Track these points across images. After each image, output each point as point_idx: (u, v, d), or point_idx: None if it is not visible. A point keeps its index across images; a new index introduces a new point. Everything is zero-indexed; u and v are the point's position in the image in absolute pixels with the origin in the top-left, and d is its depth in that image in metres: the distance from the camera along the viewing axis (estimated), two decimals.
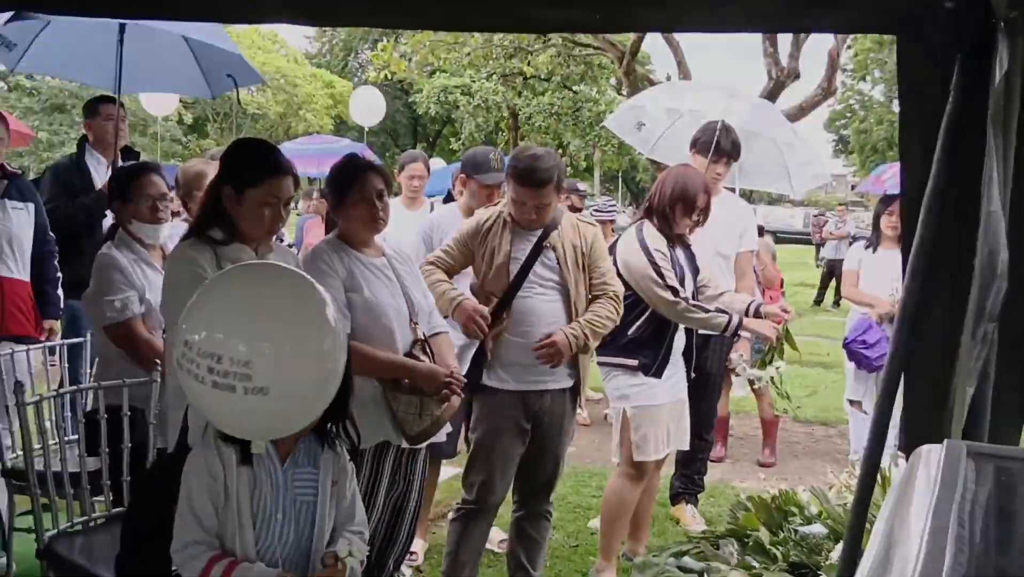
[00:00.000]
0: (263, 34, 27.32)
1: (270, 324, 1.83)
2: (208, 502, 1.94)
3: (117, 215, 3.31)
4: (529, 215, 3.23)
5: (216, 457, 1.94)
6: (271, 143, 2.68)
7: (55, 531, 2.75)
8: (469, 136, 27.36)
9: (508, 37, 17.38)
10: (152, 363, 3.05)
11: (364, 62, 35.55)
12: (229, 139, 26.44)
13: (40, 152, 24.42)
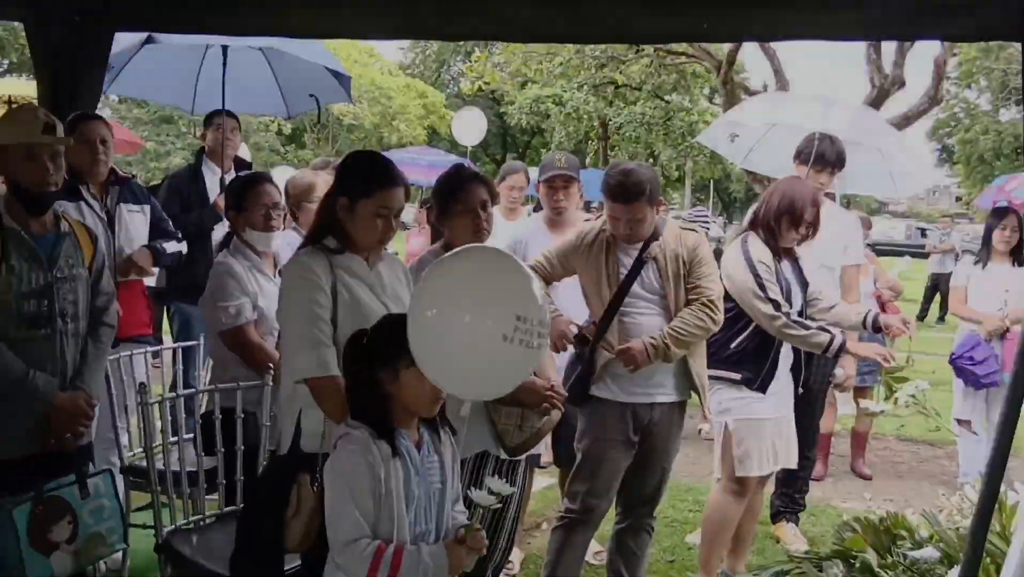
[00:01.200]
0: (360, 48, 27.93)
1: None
2: (371, 500, 2.03)
3: (232, 223, 3.43)
4: (624, 230, 3.23)
5: (376, 454, 2.03)
6: (384, 155, 2.74)
7: (172, 527, 2.86)
8: (558, 146, 27.39)
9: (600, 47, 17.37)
10: (264, 367, 3.16)
11: (456, 73, 36.02)
12: (325, 149, 27.14)
13: (147, 161, 25.50)
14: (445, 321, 1.97)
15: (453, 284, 2.05)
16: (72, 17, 3.91)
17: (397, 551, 1.99)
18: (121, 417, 3.49)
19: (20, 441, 2.72)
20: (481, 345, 1.96)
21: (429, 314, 2.00)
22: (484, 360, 1.99)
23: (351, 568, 2.03)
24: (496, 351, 1.95)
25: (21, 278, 2.71)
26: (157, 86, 5.56)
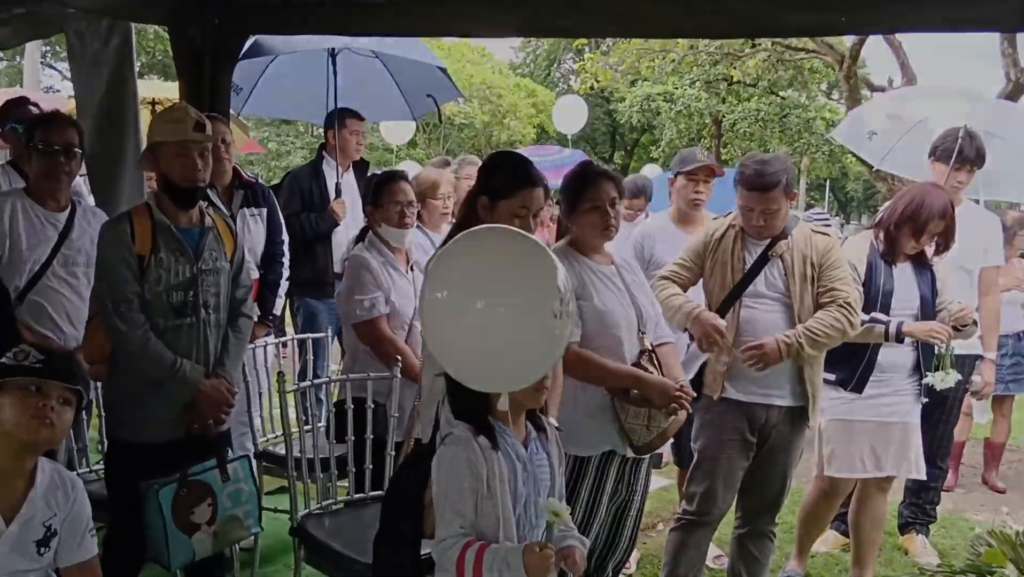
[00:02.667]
0: (472, 48, 28.26)
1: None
2: (470, 499, 2.00)
3: (369, 219, 3.54)
4: (758, 221, 3.16)
5: (476, 451, 2.01)
6: (525, 156, 2.77)
7: (306, 511, 2.96)
8: (669, 143, 27.05)
9: (714, 43, 17.08)
10: (394, 360, 3.23)
11: (567, 72, 35.99)
12: (436, 149, 27.53)
13: (269, 161, 26.41)
14: (489, 305, 1.88)
15: (485, 268, 1.97)
16: (211, 20, 4.10)
17: (481, 548, 1.97)
18: (255, 405, 3.63)
19: (167, 426, 2.85)
20: (533, 325, 1.89)
21: (462, 303, 1.90)
22: (527, 341, 1.91)
23: (443, 564, 2.03)
24: (545, 329, 1.90)
25: (170, 270, 2.85)
26: (286, 104, 5.81)
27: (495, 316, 1.86)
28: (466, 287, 1.89)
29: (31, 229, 3.26)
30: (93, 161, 4.16)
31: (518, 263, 1.95)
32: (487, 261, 1.96)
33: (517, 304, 1.86)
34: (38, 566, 2.06)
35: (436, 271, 2.03)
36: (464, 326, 1.87)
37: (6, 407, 1.96)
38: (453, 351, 1.95)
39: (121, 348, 2.81)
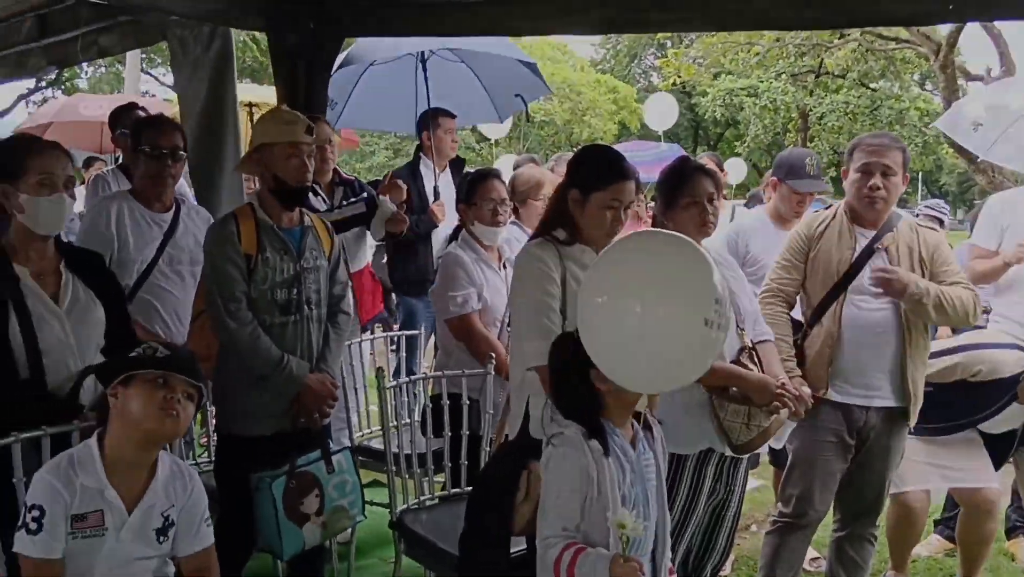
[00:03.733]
0: (553, 45, 28.27)
1: None
2: (577, 502, 2.00)
3: (462, 217, 3.58)
4: (876, 182, 3.09)
5: (587, 454, 2.01)
6: (616, 150, 2.76)
7: (404, 506, 3.01)
8: (755, 138, 26.58)
9: (801, 34, 16.70)
10: (487, 356, 3.27)
11: (647, 67, 35.69)
12: (517, 146, 27.62)
13: (353, 162, 26.92)
14: (641, 311, 1.92)
15: (638, 272, 2.00)
16: (306, 25, 4.21)
17: (577, 551, 1.97)
18: (352, 399, 3.71)
19: (274, 419, 2.94)
20: (682, 332, 1.92)
21: (617, 304, 1.96)
22: (683, 347, 1.95)
23: (543, 563, 2.03)
24: (696, 337, 1.92)
25: (275, 268, 2.93)
26: (379, 115, 5.93)
27: (652, 320, 1.90)
28: (624, 291, 1.94)
29: (138, 230, 3.38)
30: (195, 162, 4.32)
31: (677, 268, 1.98)
32: (645, 265, 2.00)
33: (673, 310, 1.91)
34: (157, 554, 2.14)
35: (595, 276, 2.06)
36: (621, 330, 1.92)
37: (133, 398, 2.04)
38: (610, 352, 1.98)
39: (231, 345, 2.90)
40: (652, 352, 1.93)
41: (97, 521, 2.03)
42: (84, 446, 2.10)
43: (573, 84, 28.10)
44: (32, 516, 1.97)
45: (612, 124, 29.08)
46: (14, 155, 2.54)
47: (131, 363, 2.06)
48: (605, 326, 1.97)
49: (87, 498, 2.03)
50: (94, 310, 2.63)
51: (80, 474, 2.04)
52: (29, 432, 2.23)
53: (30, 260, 2.55)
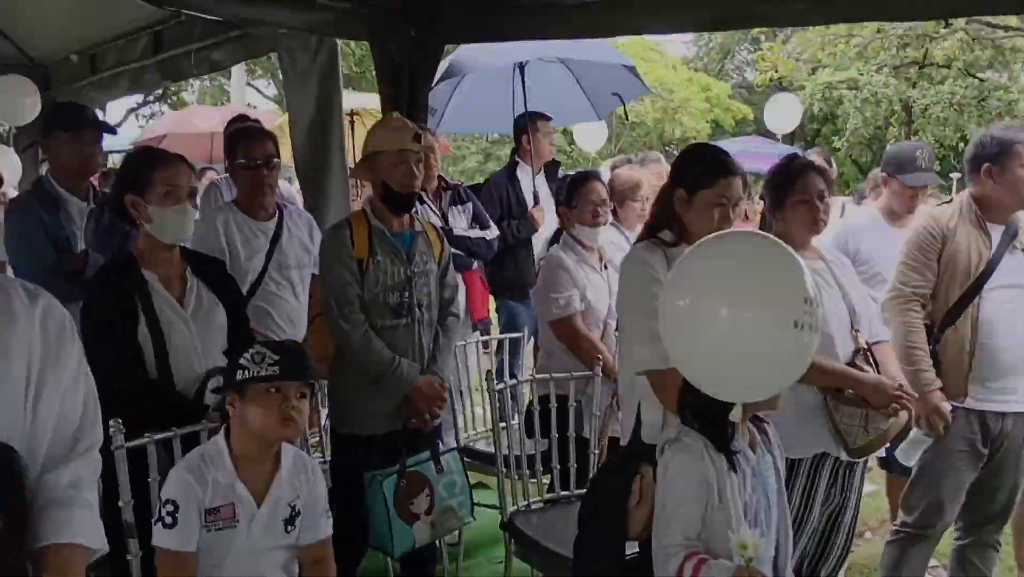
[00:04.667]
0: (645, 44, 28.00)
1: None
2: (698, 510, 1.98)
3: (562, 219, 3.60)
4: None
5: (708, 462, 1.99)
6: (721, 147, 2.72)
7: (515, 507, 3.04)
8: (854, 132, 25.77)
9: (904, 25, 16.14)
10: (590, 357, 3.27)
11: (740, 63, 35.01)
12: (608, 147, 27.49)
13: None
14: (727, 313, 1.83)
15: (723, 273, 1.91)
16: (408, 33, 4.28)
17: (700, 562, 1.93)
18: (457, 400, 3.76)
19: (386, 419, 3.01)
20: (771, 336, 1.82)
21: (701, 307, 1.88)
22: (773, 351, 1.84)
23: (663, 571, 2.01)
24: (785, 340, 1.81)
25: (386, 272, 3.00)
26: (478, 118, 6.02)
27: (738, 324, 1.81)
28: (709, 294, 1.87)
29: (245, 240, 3.49)
30: (304, 169, 4.46)
31: (763, 269, 1.89)
32: (731, 267, 1.91)
33: (761, 313, 1.81)
34: (285, 543, 2.21)
35: (677, 278, 2.02)
36: (706, 334, 1.85)
37: (250, 409, 2.12)
38: (693, 359, 1.93)
39: (345, 347, 2.98)
40: (740, 357, 1.84)
41: (229, 514, 2.11)
42: (213, 442, 2.19)
43: (665, 83, 27.78)
44: (167, 510, 2.07)
45: (704, 123, 28.63)
46: (142, 168, 2.67)
47: (244, 381, 2.12)
48: (689, 330, 1.91)
49: (219, 492, 2.11)
50: (217, 313, 2.74)
51: (211, 469, 2.13)
52: (162, 434, 2.33)
53: (158, 266, 2.68)
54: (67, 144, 3.14)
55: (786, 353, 1.84)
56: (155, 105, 23.74)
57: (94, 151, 3.20)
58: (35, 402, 1.57)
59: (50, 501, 1.55)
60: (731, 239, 2.09)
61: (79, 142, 3.15)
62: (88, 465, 1.65)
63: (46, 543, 1.53)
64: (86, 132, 3.17)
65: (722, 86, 30.09)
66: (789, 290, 1.84)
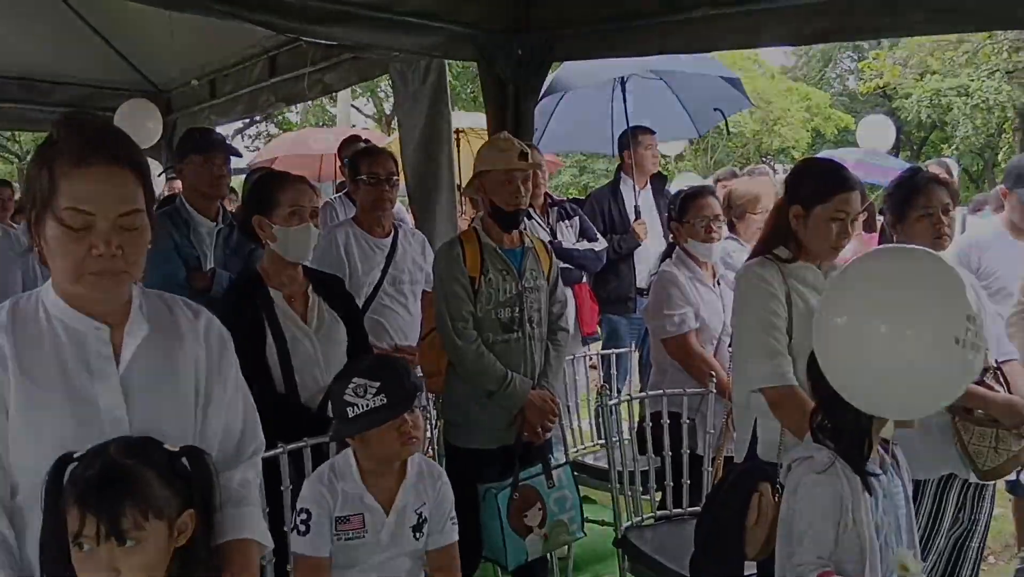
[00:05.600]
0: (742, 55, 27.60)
1: None
2: (832, 530, 1.94)
3: (674, 235, 3.58)
4: None
5: (842, 481, 1.96)
6: (837, 161, 2.68)
7: (629, 523, 3.03)
8: (964, 140, 24.79)
9: None
10: (704, 376, 3.24)
11: (843, 71, 34.10)
12: (704, 159, 27.15)
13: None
14: (886, 331, 1.81)
15: (881, 290, 1.88)
16: (515, 52, 4.34)
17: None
18: (565, 416, 3.77)
19: (498, 433, 3.05)
20: (932, 354, 1.79)
21: (859, 325, 1.85)
22: (933, 370, 1.81)
23: None
24: (947, 358, 1.78)
25: (498, 289, 3.05)
26: (577, 136, 6.06)
27: (898, 341, 1.79)
28: (868, 311, 1.85)
29: (363, 255, 3.61)
30: (414, 187, 4.57)
31: (924, 285, 1.86)
32: (890, 283, 1.88)
33: (921, 329, 1.78)
34: (413, 549, 2.28)
35: (834, 295, 2.00)
36: (865, 351, 1.83)
37: (372, 440, 2.18)
38: (851, 375, 1.91)
39: (458, 362, 3.04)
40: (899, 376, 1.81)
41: (359, 524, 2.19)
42: (343, 455, 2.26)
43: (763, 93, 27.27)
44: (301, 519, 2.16)
45: (805, 132, 27.97)
46: (268, 190, 2.79)
47: (357, 425, 2.17)
48: (846, 349, 1.88)
49: (348, 503, 2.19)
50: (338, 329, 2.83)
51: (340, 481, 2.21)
52: (294, 444, 2.41)
53: (282, 284, 2.79)
54: (199, 167, 3.30)
55: (947, 370, 1.81)
56: (261, 125, 24.58)
57: (223, 173, 3.36)
58: (204, 412, 1.68)
59: (225, 500, 1.65)
60: (890, 254, 2.07)
61: (210, 164, 3.30)
62: (253, 469, 1.76)
63: (225, 539, 1.63)
64: (216, 155, 3.32)
65: (823, 95, 29.38)
66: (950, 306, 1.80)
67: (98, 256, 1.49)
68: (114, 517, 1.40)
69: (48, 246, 1.51)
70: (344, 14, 3.83)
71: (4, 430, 1.51)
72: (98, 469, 1.42)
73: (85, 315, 1.57)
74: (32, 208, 1.52)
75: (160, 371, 1.62)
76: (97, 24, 5.56)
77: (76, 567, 1.43)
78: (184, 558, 1.51)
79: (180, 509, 1.49)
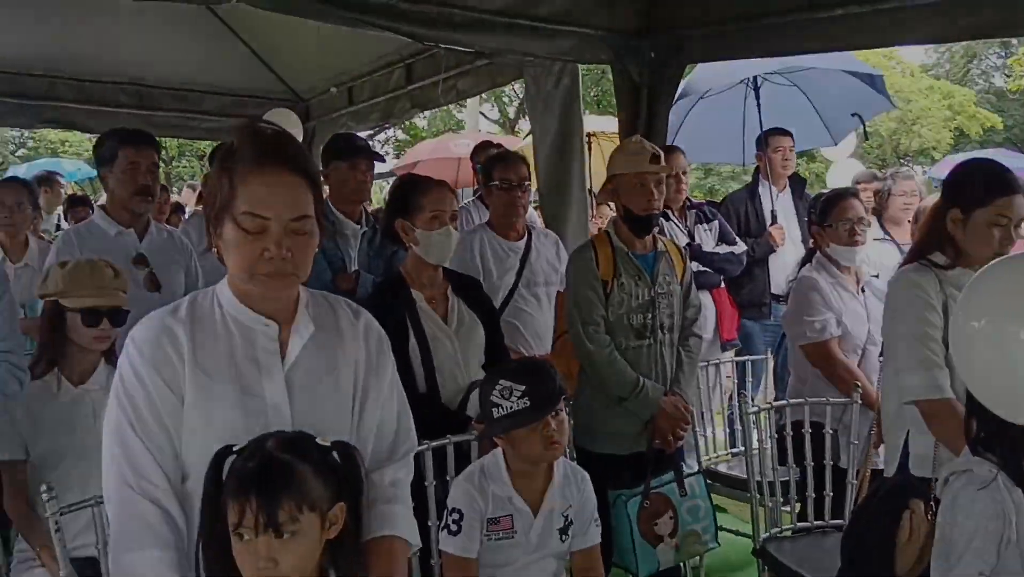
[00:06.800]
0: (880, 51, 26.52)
1: None
2: (994, 545, 1.85)
3: (816, 239, 3.48)
4: None
5: (1004, 493, 1.86)
6: (1000, 162, 2.54)
7: (767, 534, 2.96)
8: None
9: None
10: (846, 385, 3.13)
11: (988, 68, 32.30)
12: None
13: None
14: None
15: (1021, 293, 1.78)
16: (648, 55, 4.31)
17: None
18: (699, 424, 3.72)
19: (629, 440, 3.04)
20: None
21: (998, 329, 1.75)
22: None
23: None
24: None
25: (630, 294, 3.03)
26: (707, 147, 5.97)
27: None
28: (1008, 315, 1.75)
29: (497, 259, 3.66)
30: (545, 191, 4.59)
31: None
32: None
33: None
34: (559, 551, 2.30)
35: (972, 298, 1.92)
36: (1005, 356, 1.73)
37: (515, 440, 2.22)
38: (990, 382, 1.82)
39: (590, 367, 3.05)
40: None
41: (508, 525, 2.22)
42: (492, 456, 2.30)
43: (901, 92, 26.11)
44: (452, 518, 2.21)
45: (947, 132, 26.62)
46: (411, 194, 2.86)
47: (498, 428, 2.22)
48: (985, 352, 1.79)
49: (498, 504, 2.23)
50: (476, 330, 2.88)
51: (490, 482, 2.25)
52: (437, 441, 2.47)
53: (424, 286, 2.86)
54: (344, 172, 3.41)
55: None
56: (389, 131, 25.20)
57: (366, 178, 3.46)
58: (361, 410, 1.74)
59: (376, 498, 1.71)
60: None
61: (355, 170, 3.41)
62: (404, 468, 1.81)
63: (373, 536, 1.68)
64: (360, 161, 3.43)
65: (966, 92, 27.89)
66: None
67: (270, 258, 1.56)
68: (272, 510, 1.46)
69: (225, 246, 1.60)
70: (480, 21, 3.89)
71: (179, 418, 1.60)
72: (257, 462, 1.48)
73: (256, 312, 1.65)
74: (212, 210, 1.61)
75: (322, 369, 1.68)
76: (246, 36, 5.85)
77: (236, 556, 1.49)
78: (334, 550, 1.56)
79: (332, 502, 1.53)
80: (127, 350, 1.63)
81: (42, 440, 2.54)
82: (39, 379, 2.56)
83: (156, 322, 1.64)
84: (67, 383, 2.58)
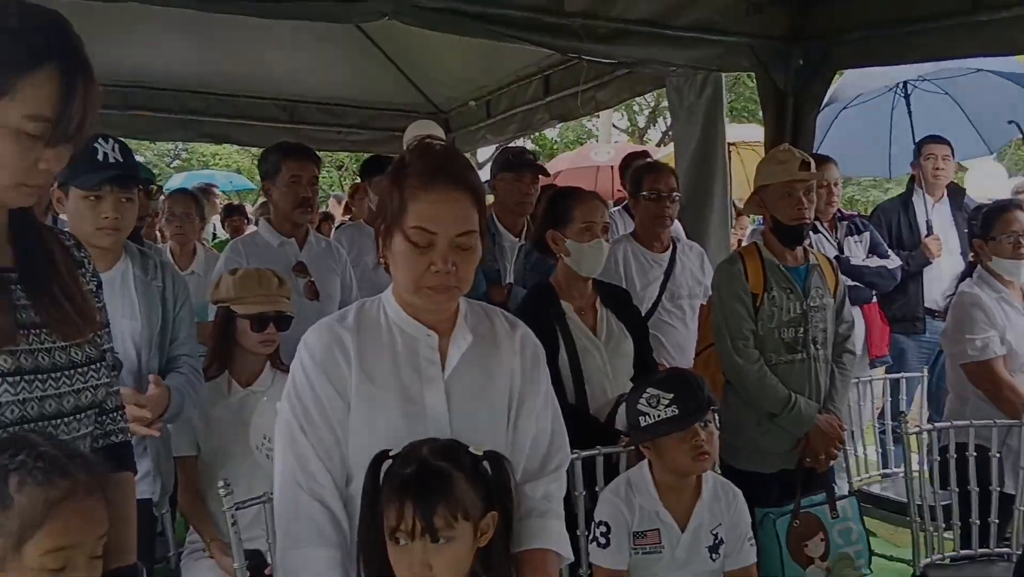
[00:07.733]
0: None
1: None
2: None
3: (977, 252, 3.32)
4: None
5: None
6: None
7: (928, 560, 2.84)
8: None
9: None
10: (1015, 406, 2.96)
11: None
12: None
13: None
14: None
15: None
16: (795, 62, 4.20)
17: None
18: (849, 442, 3.58)
19: (778, 457, 2.97)
20: None
21: None
22: None
23: None
24: None
25: (781, 307, 2.96)
26: (850, 158, 5.77)
27: None
28: None
29: (641, 271, 3.64)
30: (687, 201, 4.54)
31: None
32: None
33: None
34: (710, 569, 2.27)
35: None
36: None
37: (663, 450, 2.22)
38: None
39: (738, 382, 2.99)
40: None
41: (655, 539, 2.22)
42: (639, 469, 2.30)
43: None
44: (600, 531, 2.22)
45: None
46: (563, 205, 2.89)
47: (645, 436, 2.22)
48: None
49: (645, 518, 2.23)
50: (625, 342, 2.88)
51: (636, 496, 2.25)
52: (587, 452, 2.48)
53: (573, 297, 2.88)
54: (509, 184, 3.47)
55: None
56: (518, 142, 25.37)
57: (531, 191, 3.50)
58: (515, 420, 1.76)
59: (528, 510, 1.73)
60: None
61: (520, 182, 3.46)
62: (556, 482, 1.81)
63: (525, 548, 1.70)
64: (525, 174, 3.47)
65: None
66: None
67: (435, 272, 1.61)
68: (429, 515, 1.49)
69: (393, 258, 1.66)
70: (622, 31, 3.87)
71: (345, 421, 1.66)
72: (415, 468, 1.52)
73: (419, 322, 1.71)
74: (383, 222, 1.68)
75: (479, 378, 1.72)
76: (390, 51, 6.03)
77: (392, 560, 1.54)
78: (485, 558, 1.59)
79: (483, 511, 1.56)
80: (299, 355, 1.70)
81: (212, 438, 2.70)
82: (211, 380, 2.72)
83: (326, 329, 1.71)
84: (236, 384, 2.74)
